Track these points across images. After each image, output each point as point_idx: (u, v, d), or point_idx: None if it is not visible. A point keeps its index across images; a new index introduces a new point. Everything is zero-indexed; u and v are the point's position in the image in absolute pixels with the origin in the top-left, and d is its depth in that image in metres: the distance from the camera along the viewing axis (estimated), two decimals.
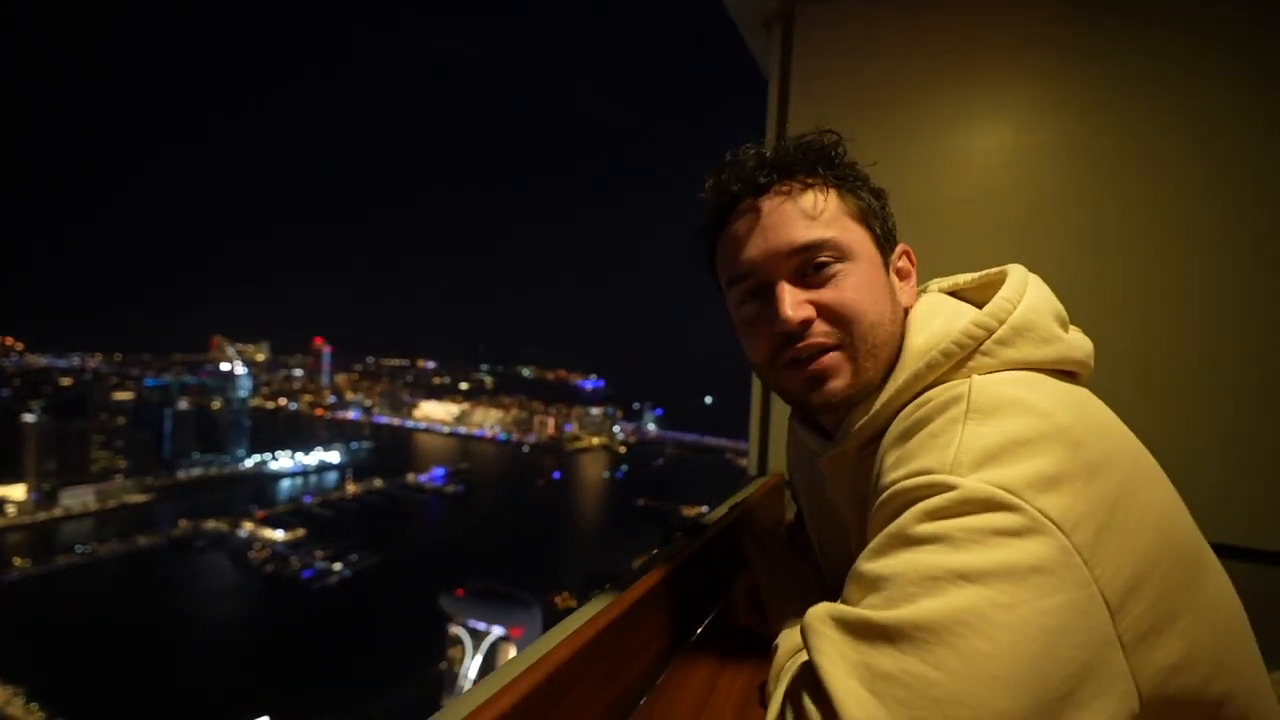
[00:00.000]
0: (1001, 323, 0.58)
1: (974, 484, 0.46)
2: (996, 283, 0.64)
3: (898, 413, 0.59)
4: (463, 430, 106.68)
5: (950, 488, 0.46)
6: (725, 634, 0.85)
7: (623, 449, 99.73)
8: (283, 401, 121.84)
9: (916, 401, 0.58)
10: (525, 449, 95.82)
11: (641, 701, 0.71)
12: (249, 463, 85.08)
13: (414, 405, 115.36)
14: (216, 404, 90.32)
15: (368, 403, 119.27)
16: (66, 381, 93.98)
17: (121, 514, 67.74)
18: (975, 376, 0.55)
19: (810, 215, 0.65)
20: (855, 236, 0.65)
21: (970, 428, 0.50)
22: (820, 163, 0.67)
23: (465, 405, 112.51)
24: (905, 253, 0.70)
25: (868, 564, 0.48)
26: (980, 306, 0.62)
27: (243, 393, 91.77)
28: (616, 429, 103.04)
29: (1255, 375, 1.22)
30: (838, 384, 0.64)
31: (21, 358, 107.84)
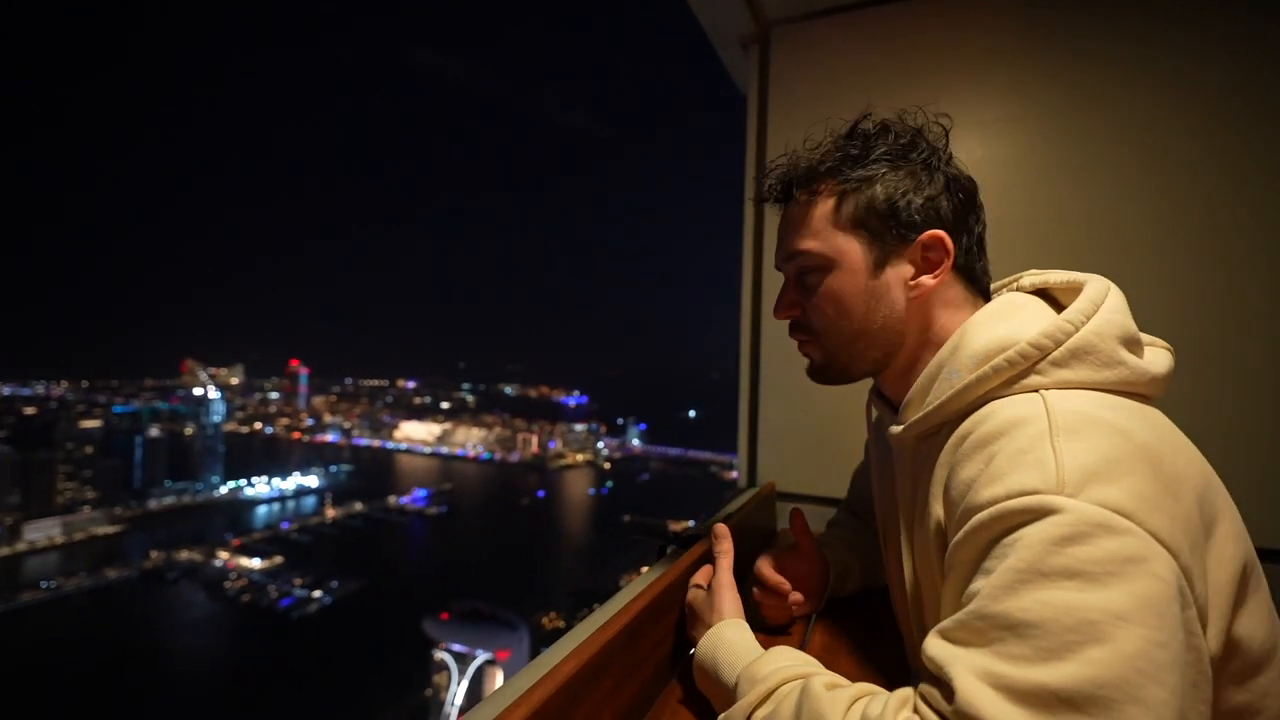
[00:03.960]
0: (1059, 344, 0.56)
1: (1087, 507, 0.44)
2: (1080, 290, 0.63)
3: (956, 414, 0.60)
4: (445, 450, 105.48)
5: (1062, 510, 0.45)
6: None
7: (607, 465, 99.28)
8: (258, 426, 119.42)
9: (981, 413, 0.57)
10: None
11: (647, 713, 0.72)
12: (223, 489, 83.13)
13: (394, 426, 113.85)
14: (189, 430, 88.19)
15: (347, 425, 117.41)
16: (30, 410, 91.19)
17: (90, 547, 65.60)
18: (1045, 392, 0.54)
19: (803, 226, 0.70)
20: (838, 246, 0.68)
21: (1062, 445, 0.48)
22: (830, 172, 0.70)
23: (447, 425, 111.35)
24: (937, 241, 0.66)
25: (1000, 604, 0.45)
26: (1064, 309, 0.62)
27: (216, 418, 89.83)
28: (601, 445, 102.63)
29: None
30: (814, 367, 0.75)
31: None
